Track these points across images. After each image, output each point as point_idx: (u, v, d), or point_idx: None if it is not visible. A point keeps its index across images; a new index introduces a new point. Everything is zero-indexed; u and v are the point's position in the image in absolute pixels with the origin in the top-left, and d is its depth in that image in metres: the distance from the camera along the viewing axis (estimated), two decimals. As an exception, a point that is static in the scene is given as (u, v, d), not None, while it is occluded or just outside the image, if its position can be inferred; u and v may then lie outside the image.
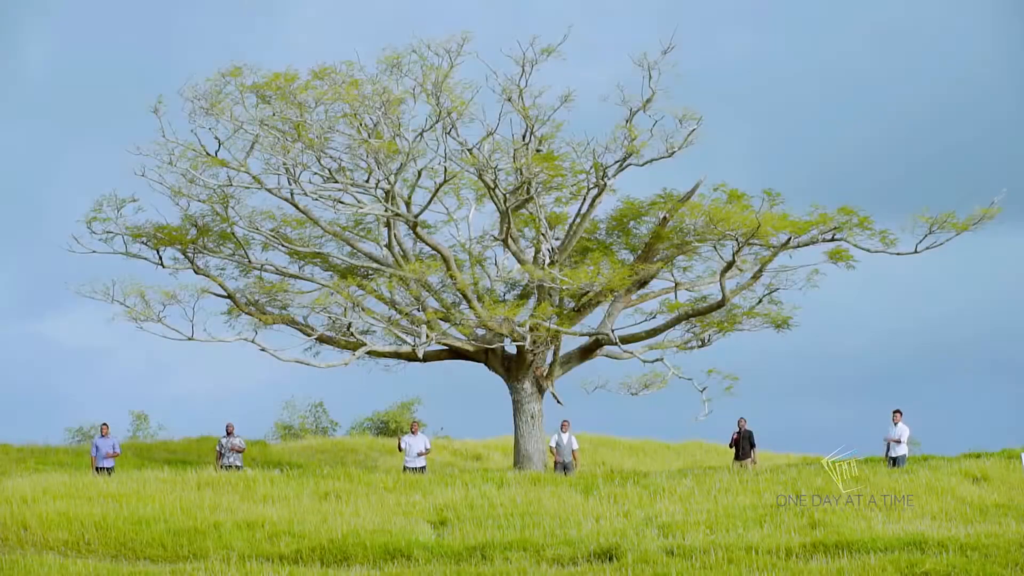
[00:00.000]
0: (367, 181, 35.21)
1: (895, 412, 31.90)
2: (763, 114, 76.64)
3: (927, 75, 78.24)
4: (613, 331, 35.65)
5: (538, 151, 34.67)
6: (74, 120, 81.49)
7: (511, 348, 36.26)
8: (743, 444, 34.03)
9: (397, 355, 36.95)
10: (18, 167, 78.84)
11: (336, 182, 34.99)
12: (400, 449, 33.29)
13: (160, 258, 36.70)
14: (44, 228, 74.21)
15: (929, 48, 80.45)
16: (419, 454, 32.90)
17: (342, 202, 35.34)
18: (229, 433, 33.68)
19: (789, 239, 35.05)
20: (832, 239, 35.17)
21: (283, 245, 36.50)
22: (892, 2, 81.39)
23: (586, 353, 37.29)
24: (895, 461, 31.46)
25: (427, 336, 34.92)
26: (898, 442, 31.68)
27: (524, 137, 34.70)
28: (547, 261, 35.74)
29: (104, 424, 33.34)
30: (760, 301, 36.94)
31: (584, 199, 35.83)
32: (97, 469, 32.39)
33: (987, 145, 71.61)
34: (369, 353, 36.26)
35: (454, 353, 37.06)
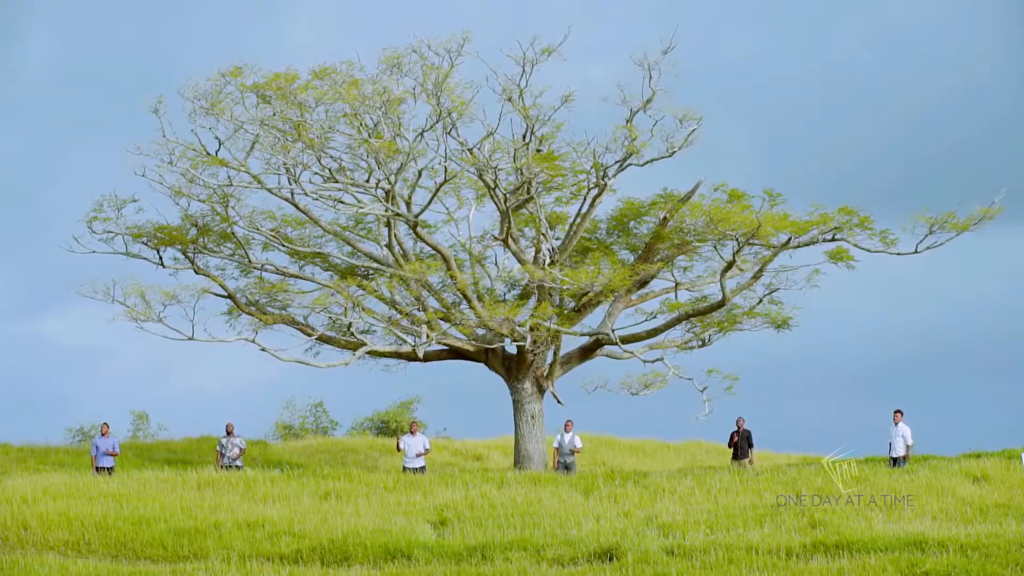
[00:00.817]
0: (367, 181, 35.21)
1: (896, 412, 31.92)
2: (763, 114, 76.67)
3: (927, 75, 78.27)
4: (613, 331, 35.66)
5: (538, 151, 34.68)
6: (74, 120, 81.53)
7: (511, 348, 36.28)
8: (741, 444, 34.05)
9: (397, 355, 36.96)
10: (18, 167, 78.87)
11: (336, 182, 34.99)
12: (399, 449, 33.27)
13: (160, 258, 36.72)
14: (44, 228, 74.27)
15: (929, 48, 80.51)
16: (418, 454, 32.88)
17: (342, 202, 35.36)
18: (229, 433, 33.68)
19: (789, 239, 35.05)
20: (832, 239, 35.15)
21: (283, 245, 36.51)
22: (892, 2, 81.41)
23: (586, 353, 37.29)
24: (896, 461, 31.48)
25: (427, 336, 34.93)
26: (909, 447, 31.75)
27: (524, 137, 34.71)
28: (547, 261, 35.75)
29: (104, 424, 33.36)
30: (760, 301, 36.95)
31: (584, 199, 35.84)
32: (97, 469, 32.41)
33: (987, 145, 71.62)
34: (369, 353, 36.26)
35: (454, 353, 37.06)
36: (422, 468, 32.70)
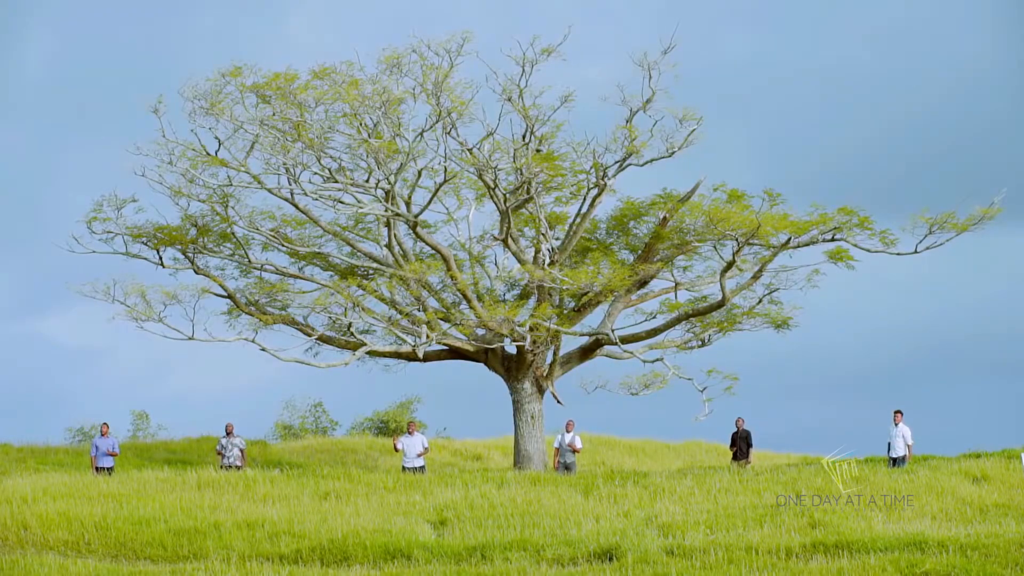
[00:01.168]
0: (367, 181, 35.21)
1: (896, 412, 31.92)
2: (763, 114, 76.70)
3: (927, 75, 78.27)
4: (613, 331, 35.66)
5: (538, 151, 34.68)
6: (74, 120, 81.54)
7: (511, 348, 36.27)
8: (740, 444, 34.05)
9: (397, 355, 36.96)
10: (18, 167, 78.90)
11: (336, 182, 34.99)
12: (396, 450, 33.21)
13: (160, 258, 36.72)
14: (44, 228, 74.29)
15: (928, 48, 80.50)
16: (418, 454, 32.86)
17: (342, 202, 35.36)
18: (229, 433, 33.67)
19: (789, 239, 35.05)
20: (832, 239, 35.15)
21: (283, 245, 36.52)
22: (892, 2, 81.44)
23: (586, 353, 37.28)
24: (895, 461, 31.48)
25: (427, 336, 34.92)
26: (909, 446, 31.76)
27: (524, 137, 34.72)
28: (547, 261, 35.75)
29: (104, 424, 33.36)
30: (760, 301, 36.95)
31: (584, 199, 35.85)
32: (97, 469, 32.41)
33: (987, 145, 71.60)
34: (369, 353, 36.27)
35: (454, 353, 37.06)
36: (422, 468, 32.67)
